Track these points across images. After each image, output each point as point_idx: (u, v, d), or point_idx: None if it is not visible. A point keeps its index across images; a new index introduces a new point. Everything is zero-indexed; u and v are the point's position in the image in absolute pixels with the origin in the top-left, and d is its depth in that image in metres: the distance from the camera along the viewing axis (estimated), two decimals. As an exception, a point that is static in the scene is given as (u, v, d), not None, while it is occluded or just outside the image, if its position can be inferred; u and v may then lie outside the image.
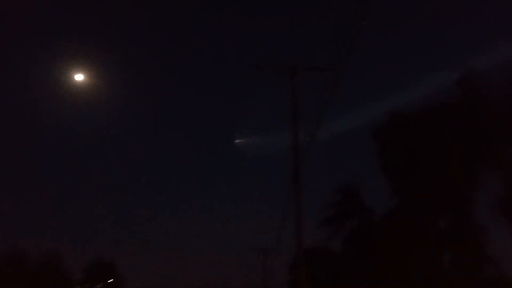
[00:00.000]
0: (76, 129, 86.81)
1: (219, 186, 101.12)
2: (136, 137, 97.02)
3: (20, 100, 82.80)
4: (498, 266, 21.37)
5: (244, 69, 15.39)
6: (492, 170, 21.15)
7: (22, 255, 45.98)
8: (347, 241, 28.14)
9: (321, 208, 28.62)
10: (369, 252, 25.12)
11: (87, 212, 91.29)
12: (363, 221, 28.05)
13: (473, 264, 21.48)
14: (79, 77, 39.37)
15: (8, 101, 79.32)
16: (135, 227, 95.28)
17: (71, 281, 53.36)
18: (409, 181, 22.41)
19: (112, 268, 57.16)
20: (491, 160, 20.54)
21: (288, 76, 14.26)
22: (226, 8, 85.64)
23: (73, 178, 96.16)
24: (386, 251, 23.61)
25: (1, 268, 42.58)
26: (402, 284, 24.49)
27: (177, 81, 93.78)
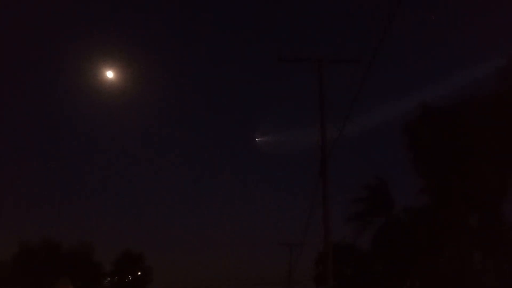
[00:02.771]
0: (106, 124, 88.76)
1: (248, 181, 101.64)
2: (164, 132, 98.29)
3: (51, 95, 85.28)
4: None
5: (271, 61, 15.31)
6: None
7: (56, 245, 47.59)
8: (374, 238, 27.75)
9: (349, 204, 28.30)
10: (397, 250, 24.70)
11: (118, 206, 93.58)
12: (391, 218, 27.61)
13: (504, 263, 20.80)
14: (109, 74, 40.42)
15: (40, 96, 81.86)
16: (164, 221, 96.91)
17: (102, 272, 54.69)
18: (440, 177, 21.78)
19: (141, 260, 58.19)
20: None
21: (316, 68, 14.15)
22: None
23: (102, 172, 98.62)
24: (414, 249, 23.16)
25: (37, 257, 44.15)
26: (429, 284, 24.00)
27: (204, 77, 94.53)
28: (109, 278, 56.96)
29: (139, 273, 58.02)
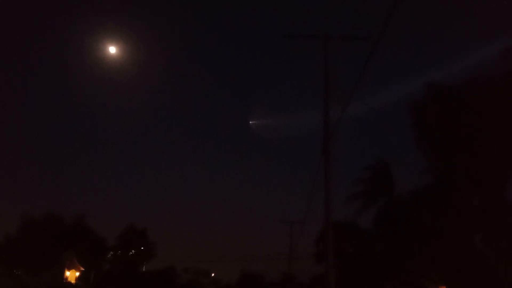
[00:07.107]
0: (109, 98, 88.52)
1: (253, 161, 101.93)
2: (168, 111, 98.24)
3: (56, 71, 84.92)
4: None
5: (277, 38, 15.15)
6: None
7: (59, 219, 48.17)
8: (376, 217, 27.84)
9: (352, 184, 28.33)
10: (399, 229, 24.79)
11: (124, 182, 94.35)
12: (394, 198, 27.63)
13: (506, 243, 20.86)
14: (112, 49, 40.19)
15: (44, 71, 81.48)
16: (169, 198, 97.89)
17: (106, 247, 55.46)
18: (445, 157, 21.67)
19: (145, 235, 58.92)
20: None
21: (322, 44, 13.95)
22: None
23: (107, 149, 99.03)
24: (416, 229, 23.22)
25: (41, 230, 44.73)
26: (431, 263, 24.15)
27: (209, 56, 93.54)
28: (112, 252, 57.82)
29: (142, 248, 58.87)
